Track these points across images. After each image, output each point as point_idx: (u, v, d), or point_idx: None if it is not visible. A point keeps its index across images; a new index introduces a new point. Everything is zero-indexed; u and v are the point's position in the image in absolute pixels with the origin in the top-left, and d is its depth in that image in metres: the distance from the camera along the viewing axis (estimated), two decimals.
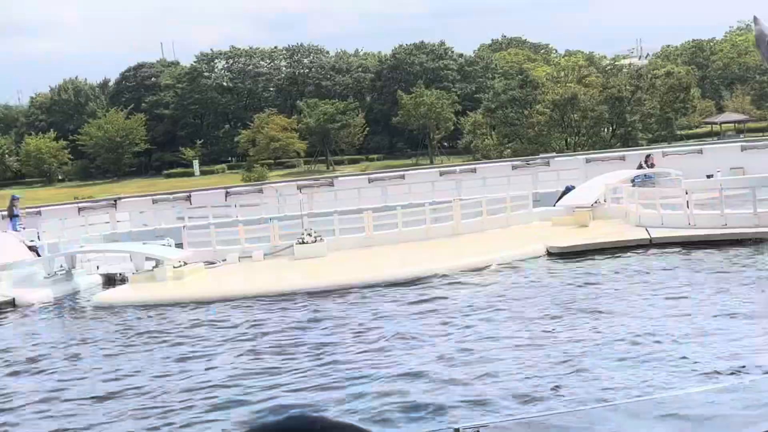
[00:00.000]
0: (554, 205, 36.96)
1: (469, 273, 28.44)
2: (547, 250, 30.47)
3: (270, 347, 21.82)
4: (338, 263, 31.31)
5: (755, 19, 22.51)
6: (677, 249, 29.33)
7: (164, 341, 23.30)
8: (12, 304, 28.99)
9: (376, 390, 17.73)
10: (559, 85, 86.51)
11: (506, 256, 29.94)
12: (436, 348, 20.46)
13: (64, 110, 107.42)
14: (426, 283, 27.42)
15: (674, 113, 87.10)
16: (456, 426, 11.32)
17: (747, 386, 14.84)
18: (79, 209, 45.52)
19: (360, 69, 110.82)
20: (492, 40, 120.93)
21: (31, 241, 35.70)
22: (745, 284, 24.27)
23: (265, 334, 23.20)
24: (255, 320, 24.74)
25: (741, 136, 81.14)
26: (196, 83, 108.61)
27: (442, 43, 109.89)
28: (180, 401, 18.12)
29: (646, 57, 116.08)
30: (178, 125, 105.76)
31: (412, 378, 18.25)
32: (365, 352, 20.69)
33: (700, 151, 48.38)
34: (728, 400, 13.64)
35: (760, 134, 78.94)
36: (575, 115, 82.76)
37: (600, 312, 22.52)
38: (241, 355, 21.23)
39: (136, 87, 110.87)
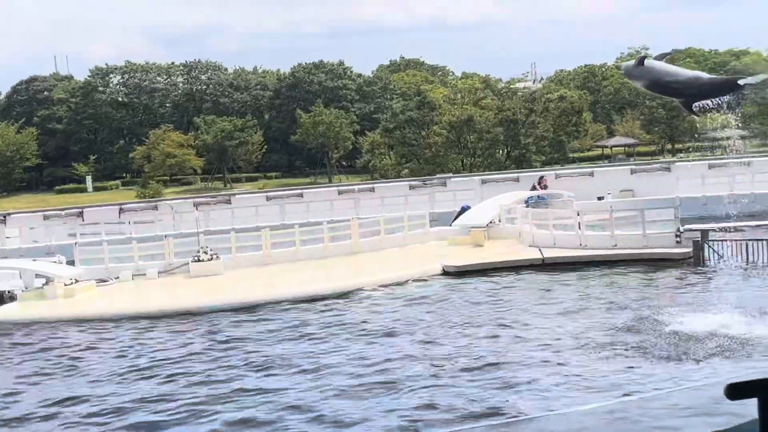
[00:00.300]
0: (450, 225, 37.28)
1: (366, 291, 28.56)
2: (443, 269, 30.70)
3: (147, 366, 21.63)
4: (234, 281, 31.09)
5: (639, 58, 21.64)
6: (569, 269, 29.82)
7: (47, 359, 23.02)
8: None
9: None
10: (455, 106, 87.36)
11: (402, 275, 30.12)
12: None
13: None
14: (322, 302, 27.47)
15: (567, 136, 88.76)
16: None
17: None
18: None
19: (258, 87, 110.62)
20: (390, 61, 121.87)
21: None
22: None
23: (143, 354, 23.00)
24: (141, 339, 24.52)
25: (631, 159, 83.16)
26: (90, 98, 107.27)
27: (341, 63, 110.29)
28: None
29: (540, 81, 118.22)
30: (71, 140, 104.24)
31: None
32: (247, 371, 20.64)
33: (592, 174, 49.36)
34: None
35: (649, 158, 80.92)
36: (471, 137, 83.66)
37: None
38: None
39: (27, 101, 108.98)
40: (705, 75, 25.47)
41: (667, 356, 19.29)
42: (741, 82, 22.33)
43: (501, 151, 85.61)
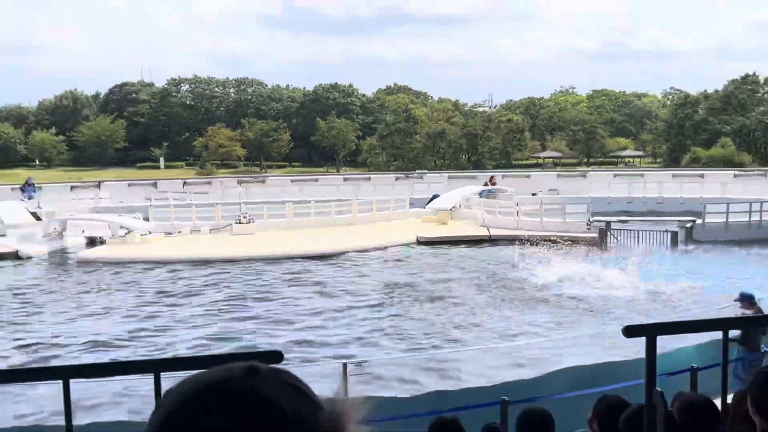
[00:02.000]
0: (424, 207, 37.23)
1: (362, 252, 28.68)
2: (417, 239, 30.75)
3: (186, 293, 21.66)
4: (264, 240, 31.03)
5: None
6: (508, 243, 29.86)
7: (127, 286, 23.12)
8: (16, 255, 28.32)
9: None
10: (432, 122, 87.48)
11: (388, 242, 30.18)
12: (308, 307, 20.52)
13: (64, 113, 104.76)
14: (333, 259, 27.56)
15: (512, 148, 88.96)
16: (343, 361, 11.19)
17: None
18: (71, 187, 44.63)
19: (289, 99, 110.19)
20: (386, 86, 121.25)
21: (35, 208, 34.86)
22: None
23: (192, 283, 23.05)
24: (192, 275, 24.62)
25: (557, 167, 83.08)
26: (166, 100, 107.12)
27: (350, 85, 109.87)
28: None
29: (494, 106, 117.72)
30: (150, 130, 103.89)
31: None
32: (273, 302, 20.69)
33: (528, 176, 49.46)
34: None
35: (571, 168, 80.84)
36: (443, 145, 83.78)
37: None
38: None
39: (120, 100, 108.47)
40: None
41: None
42: None
43: (464, 156, 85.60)
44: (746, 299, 13.03)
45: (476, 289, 22.31)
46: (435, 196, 38.75)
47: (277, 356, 2.66)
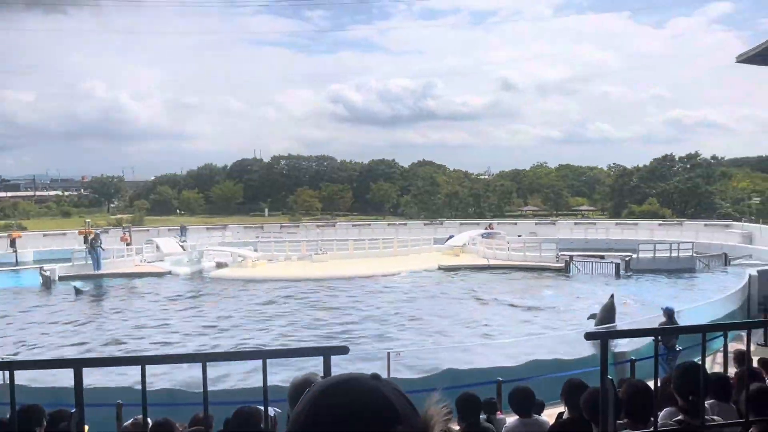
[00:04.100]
0: (444, 244, 37.03)
1: (400, 274, 28.52)
2: (438, 266, 30.53)
3: (287, 308, 21.67)
4: (334, 265, 31.03)
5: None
6: (502, 270, 29.52)
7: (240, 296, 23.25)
8: (169, 273, 28.74)
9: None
10: (449, 186, 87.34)
11: (419, 268, 29.97)
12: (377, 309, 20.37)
13: (203, 178, 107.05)
14: (380, 279, 27.45)
15: (504, 204, 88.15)
16: (387, 350, 11.09)
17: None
18: (207, 229, 45.30)
19: (352, 170, 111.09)
20: (417, 161, 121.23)
21: (182, 242, 35.40)
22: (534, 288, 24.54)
23: (287, 299, 23.08)
24: (288, 290, 24.68)
25: (535, 218, 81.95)
26: (270, 170, 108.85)
27: (393, 161, 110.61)
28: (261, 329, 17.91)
29: (491, 175, 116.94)
30: (260, 191, 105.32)
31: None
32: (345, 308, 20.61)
33: (515, 223, 49.06)
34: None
35: (545, 218, 79.49)
36: (456, 201, 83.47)
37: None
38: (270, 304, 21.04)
39: (240, 170, 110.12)
40: None
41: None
42: None
43: (471, 209, 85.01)
44: (668, 313, 12.71)
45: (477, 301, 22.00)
46: (451, 237, 38.51)
47: (343, 349, 2.51)
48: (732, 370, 6.77)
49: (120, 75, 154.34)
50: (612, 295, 15.34)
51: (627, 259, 29.05)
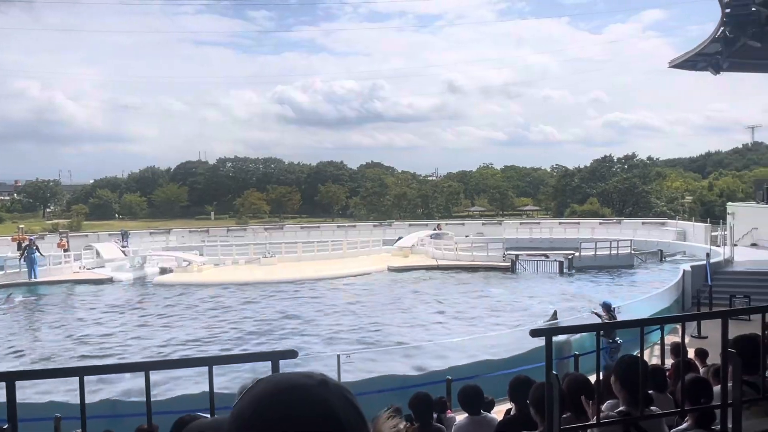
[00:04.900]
0: (393, 246, 37.17)
1: (350, 276, 28.47)
2: (388, 268, 30.63)
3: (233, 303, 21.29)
4: (282, 269, 30.70)
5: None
6: (451, 270, 29.90)
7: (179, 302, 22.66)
8: (111, 280, 27.73)
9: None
10: (397, 187, 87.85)
11: (368, 269, 30.01)
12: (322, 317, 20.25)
13: (145, 181, 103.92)
14: (330, 281, 27.28)
15: (451, 205, 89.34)
16: (337, 353, 11.03)
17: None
18: (150, 233, 43.97)
19: (299, 172, 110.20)
20: (366, 162, 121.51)
21: (124, 247, 34.23)
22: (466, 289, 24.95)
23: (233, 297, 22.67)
24: (235, 294, 24.20)
25: (482, 218, 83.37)
26: (215, 173, 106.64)
27: (341, 162, 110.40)
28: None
29: (439, 176, 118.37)
30: (205, 194, 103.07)
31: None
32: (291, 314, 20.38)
33: (463, 224, 49.66)
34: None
35: (491, 218, 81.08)
36: (405, 203, 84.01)
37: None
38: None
39: (184, 173, 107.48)
40: None
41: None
42: None
43: (419, 211, 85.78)
44: (606, 307, 13.16)
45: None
46: (400, 238, 38.68)
47: (292, 354, 2.44)
48: (669, 362, 7.08)
49: (55, 74, 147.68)
50: (555, 312, 16.05)
51: (570, 257, 29.95)
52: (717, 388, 3.68)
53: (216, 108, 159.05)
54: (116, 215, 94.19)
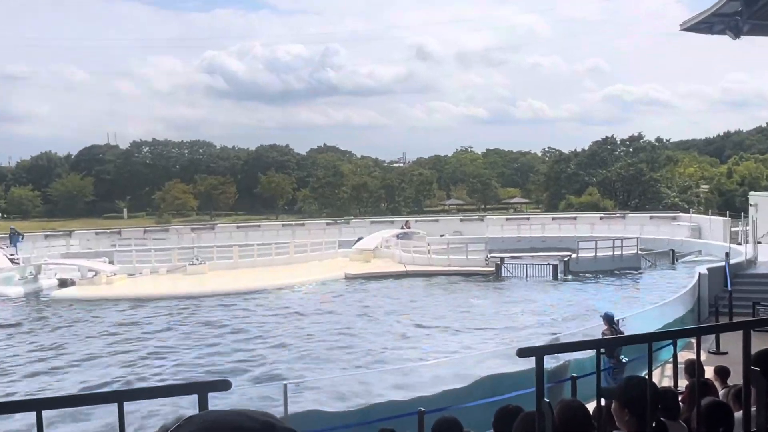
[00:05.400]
0: (351, 248, 37.18)
1: (298, 287, 28.42)
2: (345, 275, 30.64)
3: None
4: (214, 279, 30.42)
5: None
6: (423, 277, 30.10)
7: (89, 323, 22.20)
8: None
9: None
10: (356, 176, 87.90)
11: (321, 278, 30.00)
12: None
13: (39, 171, 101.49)
14: (273, 293, 27.15)
15: (423, 197, 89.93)
16: (284, 382, 10.97)
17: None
18: (45, 236, 42.95)
19: (235, 158, 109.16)
20: (317, 146, 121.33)
21: (12, 255, 33.36)
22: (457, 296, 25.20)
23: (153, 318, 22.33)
24: (153, 314, 23.83)
25: (460, 213, 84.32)
26: (129, 160, 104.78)
27: (287, 146, 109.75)
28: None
29: (407, 163, 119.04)
30: (115, 186, 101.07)
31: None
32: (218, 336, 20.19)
33: (437, 220, 50.01)
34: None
35: (471, 213, 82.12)
36: (365, 195, 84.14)
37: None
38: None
39: (89, 160, 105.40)
40: None
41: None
42: None
43: (383, 205, 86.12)
44: (608, 319, 13.46)
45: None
46: (360, 239, 38.75)
47: (225, 385, 2.45)
48: (683, 383, 7.27)
49: None
50: (557, 338, 16.32)
51: (566, 259, 30.50)
52: (738, 414, 3.78)
53: (130, 79, 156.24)
54: (1, 214, 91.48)
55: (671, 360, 10.80)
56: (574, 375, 10.98)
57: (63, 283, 29.26)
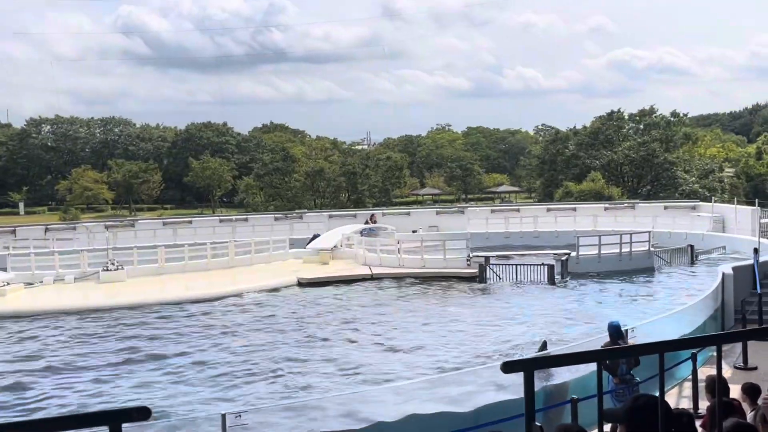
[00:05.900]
0: (305, 248, 37.09)
1: (239, 296, 28.26)
2: (298, 281, 30.57)
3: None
4: (134, 287, 30.11)
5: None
6: (391, 280, 30.17)
7: None
8: None
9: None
10: (311, 160, 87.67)
11: (268, 284, 29.91)
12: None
13: None
14: (207, 304, 26.92)
15: (391, 186, 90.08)
16: (222, 412, 10.92)
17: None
18: None
19: (159, 139, 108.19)
20: (262, 124, 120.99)
21: None
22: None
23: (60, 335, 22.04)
24: (56, 334, 23.47)
25: (436, 204, 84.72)
26: (25, 142, 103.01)
27: (225, 124, 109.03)
28: None
29: (373, 144, 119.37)
30: (8, 174, 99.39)
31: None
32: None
33: (408, 213, 50.15)
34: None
35: (449, 204, 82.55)
36: (322, 183, 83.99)
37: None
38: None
39: None
40: None
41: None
42: None
43: (343, 195, 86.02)
44: (614, 330, 13.56)
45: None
46: (315, 236, 38.73)
47: (143, 413, 2.52)
48: (705, 404, 7.34)
49: None
50: (544, 342, 16.43)
51: (563, 258, 30.78)
52: None
53: (25, 41, 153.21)
54: None
55: (690, 377, 10.96)
56: (575, 397, 11.08)
57: None
